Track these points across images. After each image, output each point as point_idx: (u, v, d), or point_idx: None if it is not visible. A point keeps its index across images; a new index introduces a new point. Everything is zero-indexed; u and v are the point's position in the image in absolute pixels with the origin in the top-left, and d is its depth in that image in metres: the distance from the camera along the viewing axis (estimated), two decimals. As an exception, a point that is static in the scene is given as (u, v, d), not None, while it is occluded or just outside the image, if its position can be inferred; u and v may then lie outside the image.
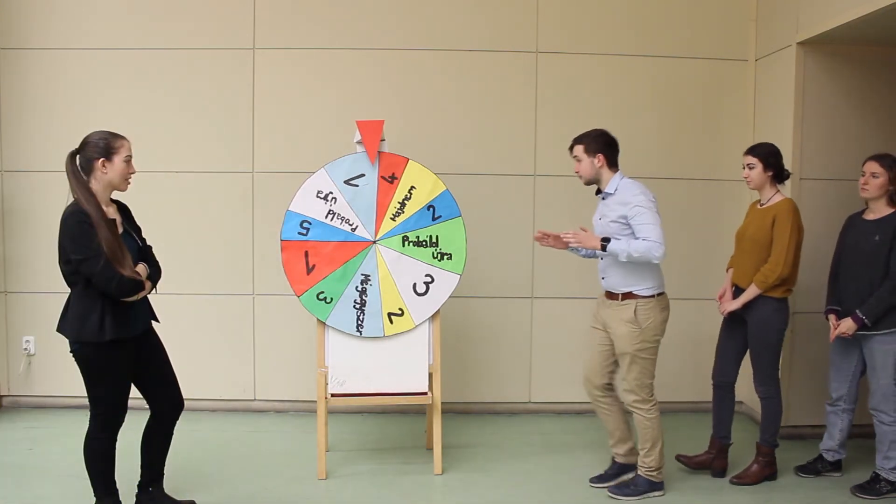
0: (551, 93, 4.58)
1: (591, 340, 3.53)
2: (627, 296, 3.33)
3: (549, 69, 4.58)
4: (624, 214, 3.27)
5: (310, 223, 3.63)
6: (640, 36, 4.60)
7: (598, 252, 3.33)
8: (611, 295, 3.40)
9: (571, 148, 3.44)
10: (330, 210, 3.65)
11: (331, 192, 3.65)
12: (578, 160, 3.40)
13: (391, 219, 3.67)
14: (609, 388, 3.53)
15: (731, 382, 3.68)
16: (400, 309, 3.66)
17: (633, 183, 3.34)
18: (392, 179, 3.67)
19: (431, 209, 3.69)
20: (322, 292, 3.62)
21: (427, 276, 3.67)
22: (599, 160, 3.35)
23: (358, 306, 3.64)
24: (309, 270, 3.62)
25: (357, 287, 3.64)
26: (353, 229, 3.65)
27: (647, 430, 3.38)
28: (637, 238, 3.22)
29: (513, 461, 3.76)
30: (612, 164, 3.39)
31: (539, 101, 4.58)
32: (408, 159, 3.70)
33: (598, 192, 3.45)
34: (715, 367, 3.72)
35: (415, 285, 3.67)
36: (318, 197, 3.65)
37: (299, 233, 3.63)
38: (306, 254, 3.62)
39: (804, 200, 4.16)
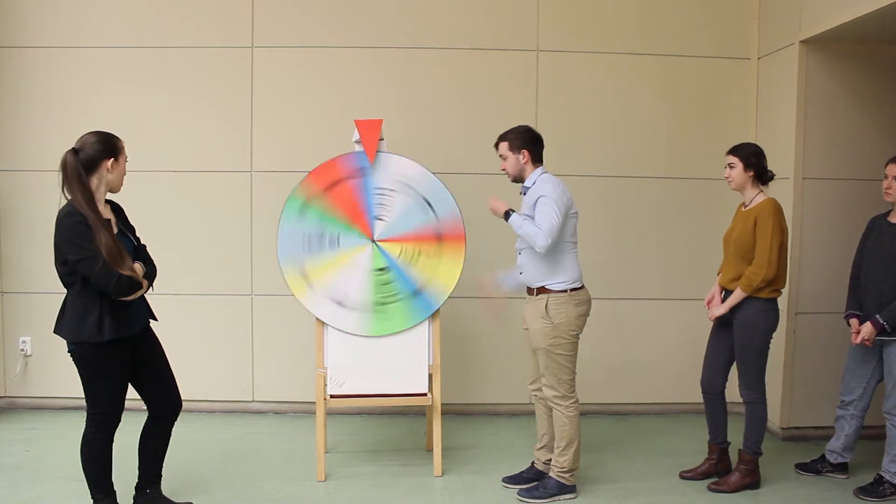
0: (552, 91, 4.58)
1: (524, 341, 3.53)
2: (541, 290, 3.34)
3: (550, 68, 4.58)
4: (533, 204, 3.29)
5: (364, 175, 3.64)
6: (642, 34, 4.60)
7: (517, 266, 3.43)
8: (528, 290, 3.42)
9: (497, 145, 3.43)
10: (387, 190, 3.65)
11: (407, 189, 3.66)
12: (504, 158, 3.40)
13: (403, 252, 3.66)
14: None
15: (719, 390, 3.62)
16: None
17: (550, 177, 3.35)
18: (438, 238, 3.68)
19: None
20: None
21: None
22: (524, 156, 3.36)
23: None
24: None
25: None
26: (378, 219, 3.65)
27: (564, 428, 3.34)
28: (534, 223, 3.24)
29: (514, 463, 3.76)
30: (537, 160, 3.40)
31: (539, 100, 4.58)
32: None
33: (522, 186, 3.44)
34: (703, 373, 3.68)
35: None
36: (391, 174, 3.65)
37: (353, 171, 3.65)
38: (336, 181, 3.63)
39: (807, 200, 4.16)
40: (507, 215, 3.36)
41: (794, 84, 4.15)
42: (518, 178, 3.42)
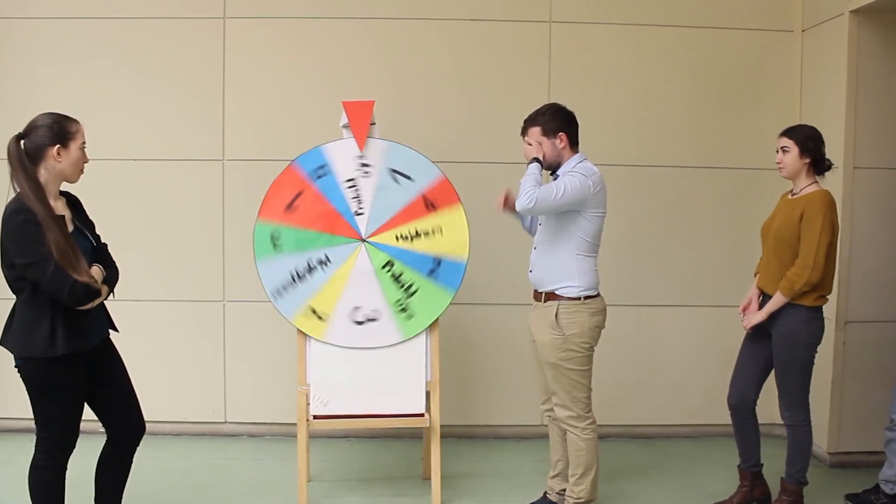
0: (567, 69, 4.59)
1: (531, 354, 3.54)
2: (550, 296, 3.33)
3: (565, 41, 4.59)
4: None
5: (326, 173, 3.65)
6: (669, 3, 4.61)
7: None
8: (536, 294, 3.42)
9: (525, 131, 3.37)
10: (356, 179, 3.66)
11: (370, 168, 3.67)
12: (531, 144, 3.34)
13: (399, 237, 3.67)
14: None
15: (750, 407, 3.61)
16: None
17: (591, 167, 3.30)
18: (430, 207, 3.68)
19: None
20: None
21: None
22: (561, 140, 3.31)
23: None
24: (287, 208, 3.63)
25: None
26: (358, 214, 3.66)
27: (580, 453, 3.33)
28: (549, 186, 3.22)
29: (523, 493, 3.77)
30: (574, 143, 3.36)
31: (553, 79, 4.59)
32: (460, 201, 3.70)
33: (553, 173, 3.41)
34: (731, 387, 3.67)
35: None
36: (354, 160, 3.67)
37: (312, 172, 3.65)
38: (298, 193, 3.64)
39: (857, 193, 4.17)
40: (533, 160, 3.30)
41: (843, 60, 4.15)
42: (554, 166, 3.36)
